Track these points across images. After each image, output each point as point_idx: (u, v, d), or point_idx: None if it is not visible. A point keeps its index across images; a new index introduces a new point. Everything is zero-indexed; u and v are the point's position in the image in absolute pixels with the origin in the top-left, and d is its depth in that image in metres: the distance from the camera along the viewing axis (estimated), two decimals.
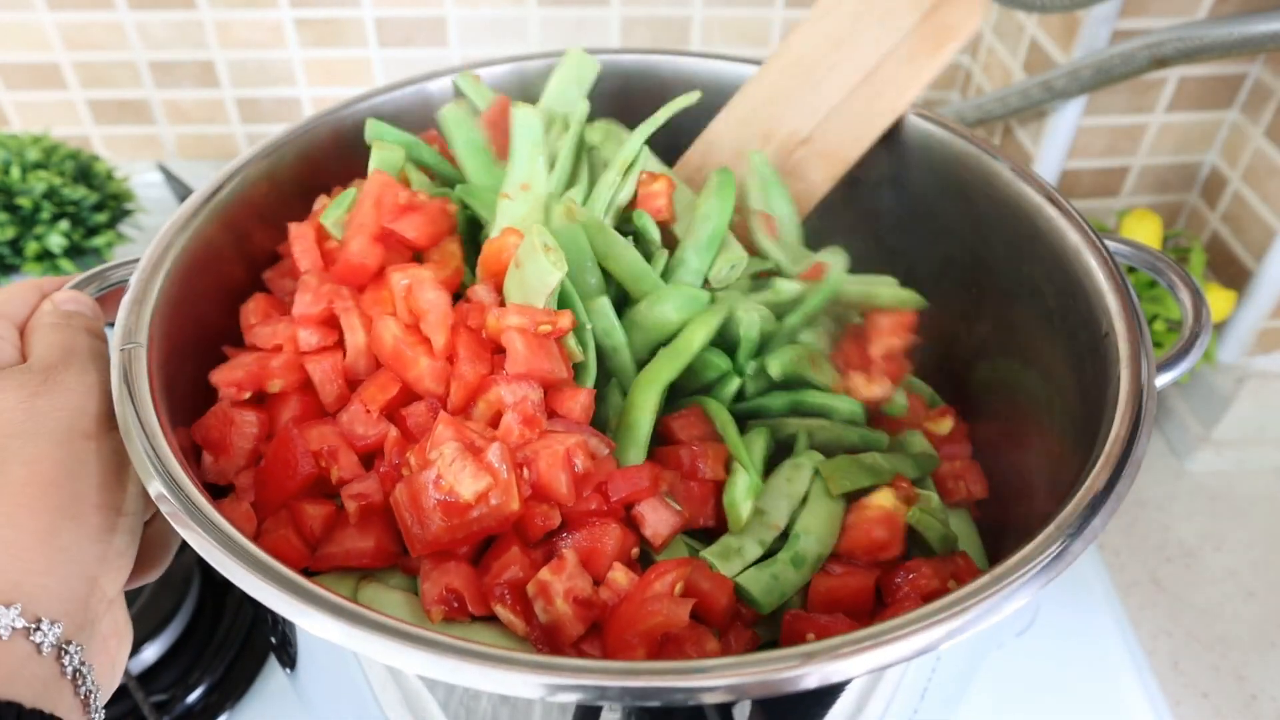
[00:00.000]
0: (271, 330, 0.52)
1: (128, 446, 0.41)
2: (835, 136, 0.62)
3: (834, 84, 0.61)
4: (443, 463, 0.43)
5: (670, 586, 0.44)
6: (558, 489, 0.45)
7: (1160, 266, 0.55)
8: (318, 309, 0.51)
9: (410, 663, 0.34)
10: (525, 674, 0.33)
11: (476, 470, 0.43)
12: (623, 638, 0.43)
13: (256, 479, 0.49)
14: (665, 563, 0.45)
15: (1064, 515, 0.39)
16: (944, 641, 0.35)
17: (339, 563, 0.47)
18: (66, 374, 0.43)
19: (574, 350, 0.51)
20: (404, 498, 0.44)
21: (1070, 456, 0.48)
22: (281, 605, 0.36)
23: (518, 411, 0.47)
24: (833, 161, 0.62)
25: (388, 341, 0.50)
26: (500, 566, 0.45)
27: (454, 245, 0.56)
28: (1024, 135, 1.10)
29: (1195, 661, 0.85)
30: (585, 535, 0.46)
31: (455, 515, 0.43)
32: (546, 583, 0.44)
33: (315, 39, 1.17)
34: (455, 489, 0.43)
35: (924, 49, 0.59)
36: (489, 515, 0.43)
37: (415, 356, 0.49)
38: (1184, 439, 1.04)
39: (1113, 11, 0.93)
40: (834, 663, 0.34)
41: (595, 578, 0.45)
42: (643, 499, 0.48)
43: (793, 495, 0.52)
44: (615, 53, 0.68)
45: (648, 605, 0.43)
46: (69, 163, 0.94)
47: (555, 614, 0.43)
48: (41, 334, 0.45)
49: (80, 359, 0.44)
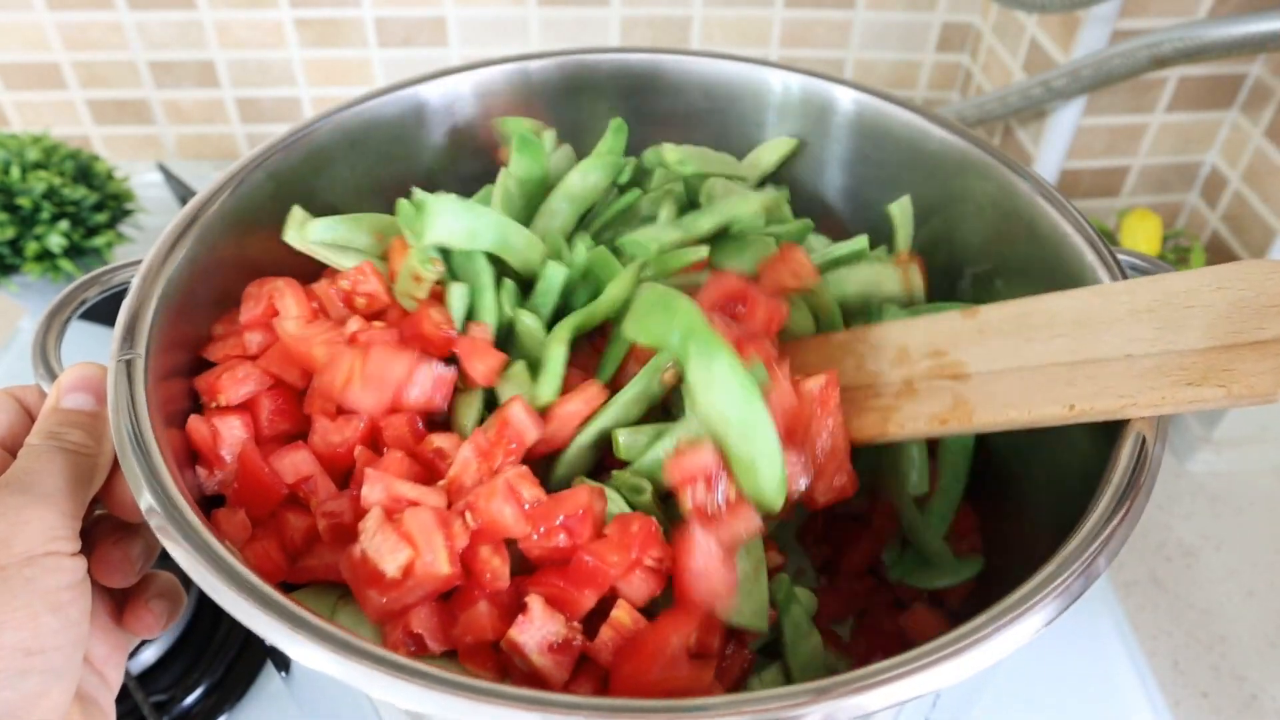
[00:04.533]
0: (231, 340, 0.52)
1: (120, 459, 0.41)
2: (989, 393, 0.49)
3: (1044, 351, 0.48)
4: (365, 536, 0.42)
5: (684, 643, 0.41)
6: (505, 524, 0.43)
7: None
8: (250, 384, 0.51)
9: (398, 696, 0.33)
10: (518, 710, 0.32)
11: (396, 543, 0.41)
12: (634, 690, 0.41)
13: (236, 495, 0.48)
14: (678, 619, 0.42)
15: (1073, 546, 0.38)
16: (946, 685, 0.34)
17: (317, 576, 0.46)
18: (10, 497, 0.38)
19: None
20: (346, 571, 0.43)
21: (1076, 476, 0.47)
22: (266, 629, 0.35)
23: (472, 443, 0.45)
24: (959, 414, 0.49)
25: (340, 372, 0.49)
26: (465, 625, 0.42)
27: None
28: (1024, 135, 1.10)
29: (1195, 661, 0.85)
30: (553, 575, 0.43)
31: (388, 590, 0.41)
32: (518, 643, 0.41)
33: (315, 39, 1.17)
34: (379, 565, 0.41)
35: (1174, 375, 0.44)
36: (419, 585, 0.41)
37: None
38: (1184, 439, 1.04)
39: (1113, 11, 0.93)
40: (839, 700, 0.33)
41: (571, 616, 0.43)
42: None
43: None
44: (620, 52, 0.67)
45: (667, 670, 0.41)
46: (69, 163, 0.94)
47: (534, 667, 0.41)
48: (21, 453, 0.41)
49: (20, 486, 0.39)
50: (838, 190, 0.68)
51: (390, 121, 0.62)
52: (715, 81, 0.67)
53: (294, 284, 0.53)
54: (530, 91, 0.66)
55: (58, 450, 0.41)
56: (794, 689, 0.33)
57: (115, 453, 0.43)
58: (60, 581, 0.37)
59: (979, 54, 1.19)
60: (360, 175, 0.62)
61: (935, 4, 1.17)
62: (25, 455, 0.41)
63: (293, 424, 0.50)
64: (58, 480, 0.40)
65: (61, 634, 0.37)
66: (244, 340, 0.51)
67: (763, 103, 0.67)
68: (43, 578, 0.37)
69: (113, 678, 0.43)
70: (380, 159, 0.63)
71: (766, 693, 0.34)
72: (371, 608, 0.42)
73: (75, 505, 0.40)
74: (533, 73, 0.66)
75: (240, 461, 0.47)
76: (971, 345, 0.51)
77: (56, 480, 0.40)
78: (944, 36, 1.20)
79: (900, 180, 0.64)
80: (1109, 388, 0.45)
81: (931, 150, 0.61)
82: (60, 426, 0.42)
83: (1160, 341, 0.45)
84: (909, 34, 1.19)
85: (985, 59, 1.17)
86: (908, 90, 1.26)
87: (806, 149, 0.68)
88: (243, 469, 0.47)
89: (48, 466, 0.40)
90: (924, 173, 0.62)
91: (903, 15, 1.17)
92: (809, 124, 0.66)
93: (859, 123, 0.64)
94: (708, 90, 0.67)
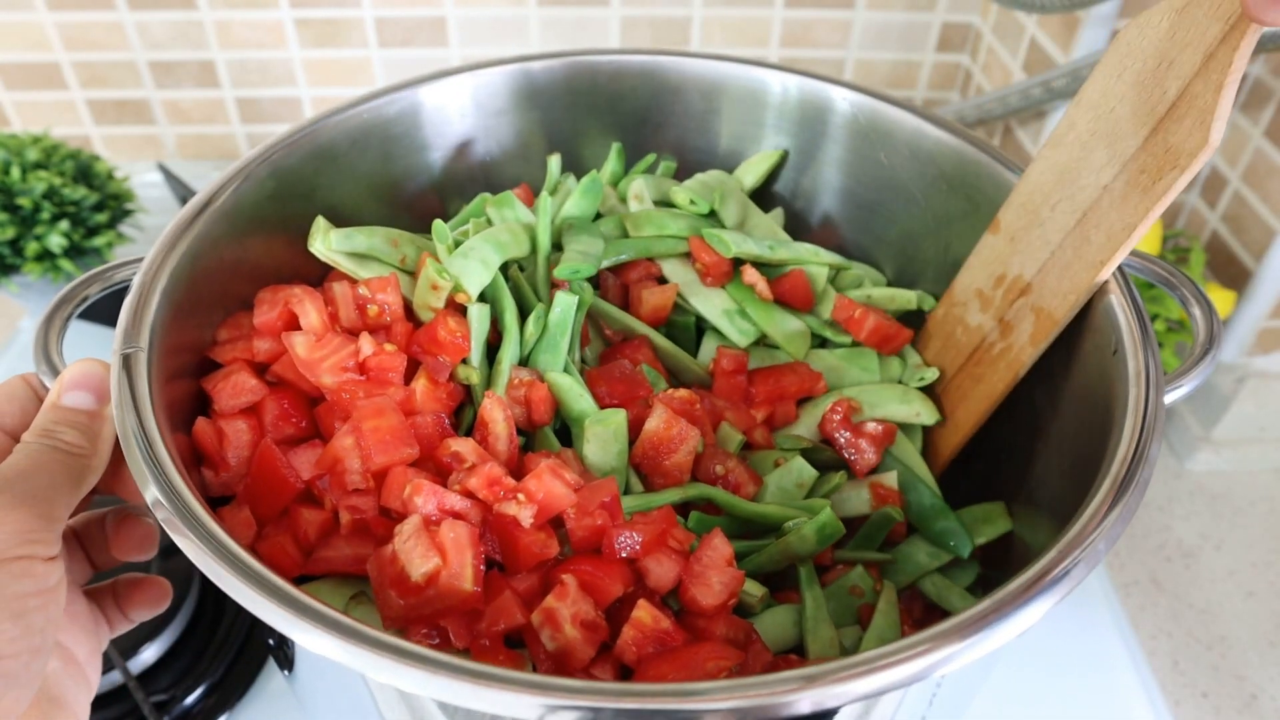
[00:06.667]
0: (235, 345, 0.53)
1: (125, 452, 0.41)
2: (1049, 289, 0.52)
3: (1056, 224, 0.52)
4: (400, 538, 0.42)
5: (720, 670, 0.42)
6: (558, 496, 0.45)
7: (1173, 281, 0.53)
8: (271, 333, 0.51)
9: (404, 681, 0.33)
10: (522, 694, 0.33)
11: (427, 549, 0.42)
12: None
13: (246, 492, 0.48)
14: (717, 650, 0.44)
15: (1069, 538, 0.38)
16: (942, 668, 0.34)
17: (333, 568, 0.46)
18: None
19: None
20: (373, 568, 0.43)
21: (1075, 475, 0.47)
22: (273, 617, 0.35)
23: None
24: (1043, 320, 0.52)
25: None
26: (494, 614, 0.43)
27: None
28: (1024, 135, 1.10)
29: (1195, 661, 0.85)
30: (584, 562, 0.45)
31: (409, 594, 0.42)
32: (553, 609, 0.43)
33: (315, 39, 1.17)
34: (406, 568, 0.42)
35: (1140, 182, 0.47)
36: (440, 596, 0.42)
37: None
38: (1184, 439, 1.04)
39: (1113, 11, 0.94)
40: (833, 686, 0.33)
41: (600, 604, 0.44)
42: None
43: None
44: (620, 53, 0.67)
45: (694, 677, 0.41)
46: (69, 163, 0.94)
47: (564, 640, 0.42)
48: (16, 449, 0.41)
49: (6, 483, 0.39)
50: (835, 192, 0.68)
51: (390, 121, 0.62)
52: (715, 83, 0.67)
53: (313, 293, 0.53)
54: (531, 92, 0.66)
55: (49, 449, 0.40)
56: (784, 675, 0.34)
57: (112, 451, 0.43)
58: (27, 587, 0.36)
59: (979, 54, 1.19)
60: (361, 175, 0.62)
61: (935, 4, 1.17)
62: (17, 452, 0.40)
63: (299, 429, 0.51)
64: (44, 480, 0.39)
65: (19, 642, 0.35)
66: (252, 346, 0.51)
67: (761, 104, 0.67)
68: (10, 582, 0.36)
69: (93, 677, 0.43)
70: (381, 159, 0.63)
71: (758, 678, 0.34)
72: (389, 609, 0.42)
73: (59, 508, 0.39)
74: (533, 73, 0.66)
75: (257, 457, 0.48)
76: (1013, 256, 0.54)
77: (43, 480, 0.39)
78: (944, 36, 1.20)
79: (899, 182, 0.64)
80: (1111, 228, 0.48)
81: (930, 151, 0.61)
82: (55, 425, 0.42)
83: (1115, 158, 0.48)
84: (909, 34, 1.19)
85: (985, 59, 1.17)
86: (908, 90, 1.26)
87: (804, 151, 0.68)
88: (259, 464, 0.47)
89: (35, 466, 0.39)
90: (923, 174, 0.62)
91: (903, 15, 1.18)
92: (807, 126, 0.67)
93: (857, 124, 0.64)
94: (707, 92, 0.67)
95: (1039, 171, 0.53)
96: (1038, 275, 0.53)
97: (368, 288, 0.53)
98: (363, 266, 0.56)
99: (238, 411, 0.50)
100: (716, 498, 0.52)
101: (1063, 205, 0.51)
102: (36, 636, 0.36)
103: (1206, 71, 0.44)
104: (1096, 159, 0.49)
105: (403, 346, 0.52)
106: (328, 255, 0.55)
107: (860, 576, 0.52)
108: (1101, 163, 0.49)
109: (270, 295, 0.53)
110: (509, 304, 0.55)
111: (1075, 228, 0.50)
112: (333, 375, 0.49)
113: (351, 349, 0.50)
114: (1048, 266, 0.52)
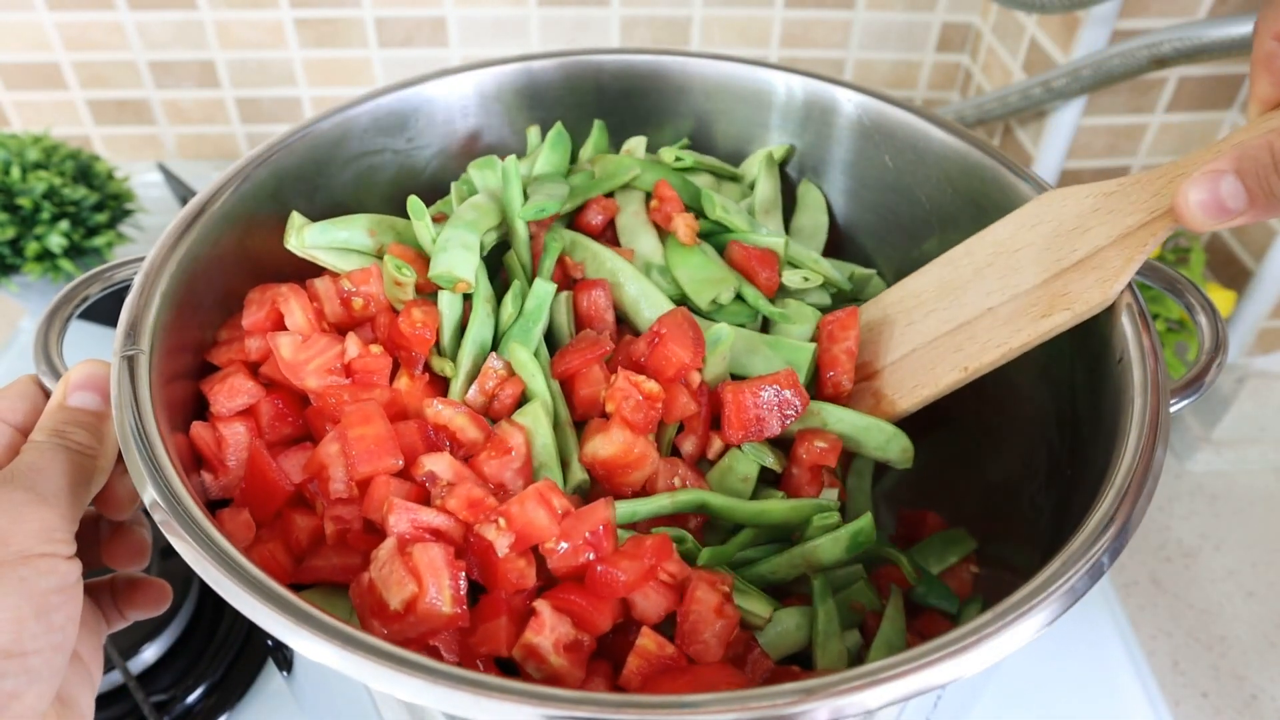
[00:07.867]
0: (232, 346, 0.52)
1: (124, 454, 0.41)
2: (897, 380, 0.55)
3: (926, 327, 0.55)
4: (375, 566, 0.42)
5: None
6: (540, 527, 0.43)
7: (1179, 288, 0.53)
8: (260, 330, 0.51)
9: (403, 690, 0.33)
10: (522, 704, 0.32)
11: (403, 576, 0.40)
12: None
13: (243, 495, 0.48)
14: (725, 672, 0.43)
15: (1074, 548, 0.38)
16: (948, 682, 0.34)
17: (324, 576, 0.46)
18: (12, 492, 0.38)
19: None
20: (354, 597, 0.43)
21: (1079, 485, 0.47)
22: (270, 623, 0.35)
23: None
24: (884, 405, 0.55)
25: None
26: (483, 636, 0.42)
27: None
28: (1024, 135, 1.10)
29: (1195, 661, 0.85)
30: (570, 591, 0.43)
31: (391, 622, 0.41)
32: (535, 645, 0.41)
33: (315, 39, 1.17)
34: (384, 595, 0.41)
35: (1030, 312, 0.50)
36: (421, 621, 0.41)
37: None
38: (1184, 439, 1.04)
39: (1113, 11, 0.94)
40: (833, 700, 0.33)
41: (592, 631, 0.43)
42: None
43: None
44: (623, 53, 0.67)
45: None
46: (69, 163, 0.94)
47: (551, 669, 0.42)
48: (26, 448, 0.41)
49: (24, 482, 0.39)
50: (838, 193, 0.68)
51: (391, 121, 0.62)
52: (718, 83, 0.67)
53: (299, 291, 0.52)
54: (532, 92, 0.66)
55: (61, 449, 0.41)
56: (784, 687, 0.33)
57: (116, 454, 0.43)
58: (52, 584, 0.37)
59: (979, 54, 1.19)
60: (361, 175, 0.62)
61: (935, 4, 1.17)
62: (29, 450, 0.40)
63: (294, 428, 0.50)
64: (60, 480, 0.39)
65: (43, 638, 0.36)
66: (245, 346, 0.51)
67: (766, 105, 0.67)
68: (36, 579, 0.36)
69: (96, 674, 0.43)
70: (381, 159, 0.63)
71: (757, 691, 0.34)
72: (375, 636, 0.42)
73: (74, 507, 0.39)
74: (534, 73, 0.66)
75: (249, 460, 0.47)
76: (869, 345, 0.58)
77: (59, 480, 0.39)
78: (944, 37, 1.20)
79: (902, 183, 0.64)
80: (986, 341, 0.51)
81: (935, 153, 0.61)
82: (65, 425, 0.42)
83: (1007, 288, 0.52)
84: (909, 34, 1.19)
85: (985, 59, 1.17)
86: (908, 90, 1.26)
87: (808, 153, 0.68)
88: (251, 467, 0.47)
89: (51, 465, 0.40)
90: (928, 176, 0.62)
91: (903, 15, 1.18)
92: (812, 127, 0.66)
93: (862, 126, 0.64)
94: (711, 92, 0.67)
95: (923, 283, 0.57)
96: (890, 366, 0.56)
97: (350, 280, 0.53)
98: (344, 259, 0.55)
99: (235, 414, 0.49)
100: (711, 503, 0.50)
101: (939, 314, 0.55)
102: (59, 633, 0.37)
103: (1121, 245, 0.47)
104: (988, 285, 0.53)
105: (387, 337, 0.52)
106: (304, 251, 0.55)
107: (861, 591, 0.51)
108: (992, 289, 0.52)
109: (259, 295, 0.53)
110: (482, 285, 0.54)
111: (947, 335, 0.54)
112: (317, 378, 0.49)
113: (337, 350, 0.50)
114: (903, 361, 0.56)
